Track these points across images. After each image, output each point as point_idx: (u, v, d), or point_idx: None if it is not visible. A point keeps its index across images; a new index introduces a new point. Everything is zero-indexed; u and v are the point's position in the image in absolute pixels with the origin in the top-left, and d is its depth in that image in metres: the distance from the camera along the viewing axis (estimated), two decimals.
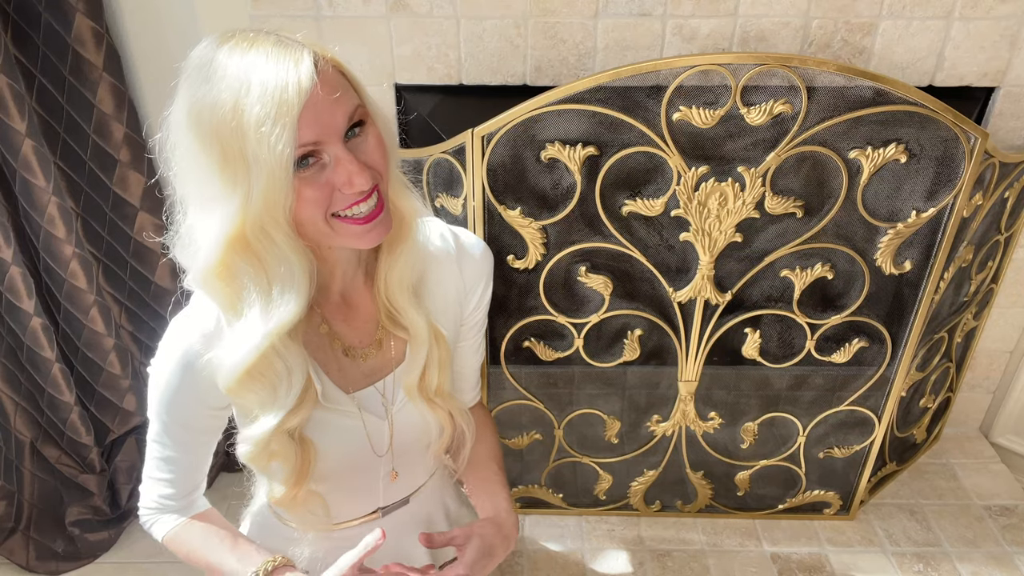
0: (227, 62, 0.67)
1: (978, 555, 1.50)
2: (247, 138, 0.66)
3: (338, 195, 0.72)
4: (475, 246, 0.98)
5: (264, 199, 0.68)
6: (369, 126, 0.74)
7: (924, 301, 1.28)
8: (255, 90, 0.65)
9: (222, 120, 0.66)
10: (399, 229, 0.83)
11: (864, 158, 1.15)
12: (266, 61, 0.66)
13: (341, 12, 1.19)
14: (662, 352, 1.36)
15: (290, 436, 0.83)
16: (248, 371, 0.77)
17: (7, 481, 1.49)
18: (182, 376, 0.81)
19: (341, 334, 0.88)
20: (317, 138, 0.69)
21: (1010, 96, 1.26)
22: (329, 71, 0.70)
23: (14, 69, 1.18)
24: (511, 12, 1.18)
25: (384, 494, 1.01)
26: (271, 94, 0.65)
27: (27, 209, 1.28)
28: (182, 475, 0.91)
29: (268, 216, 0.69)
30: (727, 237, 1.21)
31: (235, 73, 0.66)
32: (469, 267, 0.96)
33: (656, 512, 1.59)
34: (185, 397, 0.83)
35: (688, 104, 1.10)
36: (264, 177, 0.67)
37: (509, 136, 1.15)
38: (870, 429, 1.45)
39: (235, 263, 0.73)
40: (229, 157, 0.68)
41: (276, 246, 0.72)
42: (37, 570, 1.50)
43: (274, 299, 0.75)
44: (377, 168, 0.74)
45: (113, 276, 1.46)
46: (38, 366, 1.40)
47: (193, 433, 0.88)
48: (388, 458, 0.95)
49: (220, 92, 0.66)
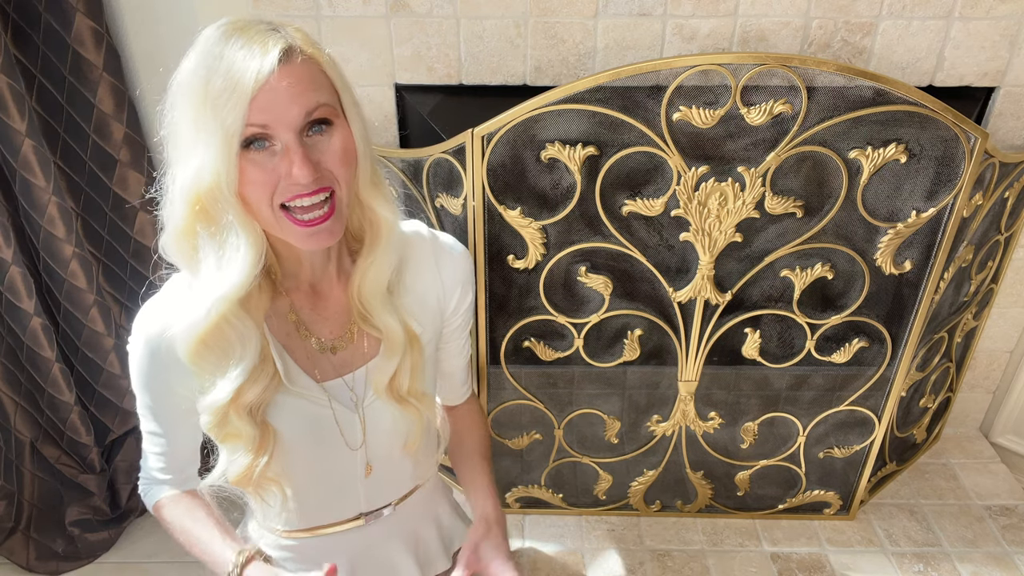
0: (216, 41, 0.72)
1: (978, 555, 1.50)
2: (206, 107, 0.70)
3: (282, 184, 0.74)
4: (453, 247, 0.99)
5: (212, 168, 0.72)
6: (336, 128, 0.76)
7: (924, 301, 1.28)
8: (223, 66, 0.70)
9: (193, 87, 0.72)
10: (374, 233, 0.85)
11: (864, 158, 1.15)
12: (243, 45, 0.71)
13: (341, 12, 1.19)
14: (662, 352, 1.36)
15: (250, 416, 0.84)
16: (201, 338, 0.79)
17: (7, 481, 1.49)
18: (151, 358, 0.84)
19: (309, 323, 0.90)
20: (266, 122, 0.71)
21: (1010, 96, 1.26)
22: (300, 64, 0.72)
23: (14, 69, 1.18)
24: (511, 12, 1.18)
25: (365, 497, 1.00)
26: (234, 72, 0.70)
27: (27, 209, 1.28)
28: (170, 450, 0.93)
29: (215, 186, 0.72)
30: (727, 237, 1.21)
31: (215, 50, 0.71)
32: (447, 268, 0.97)
33: (656, 512, 1.59)
34: (156, 378, 0.86)
35: (688, 104, 1.10)
36: (212, 147, 0.71)
37: (509, 136, 1.15)
38: (870, 429, 1.45)
39: (193, 227, 0.77)
40: (195, 123, 0.72)
41: (226, 216, 0.75)
42: (37, 570, 1.50)
43: (223, 266, 0.77)
44: (331, 170, 0.76)
45: (113, 276, 1.46)
46: (38, 366, 1.40)
47: (172, 412, 0.90)
48: (363, 453, 0.96)
49: (199, 65, 0.72)
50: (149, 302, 0.86)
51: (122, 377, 1.49)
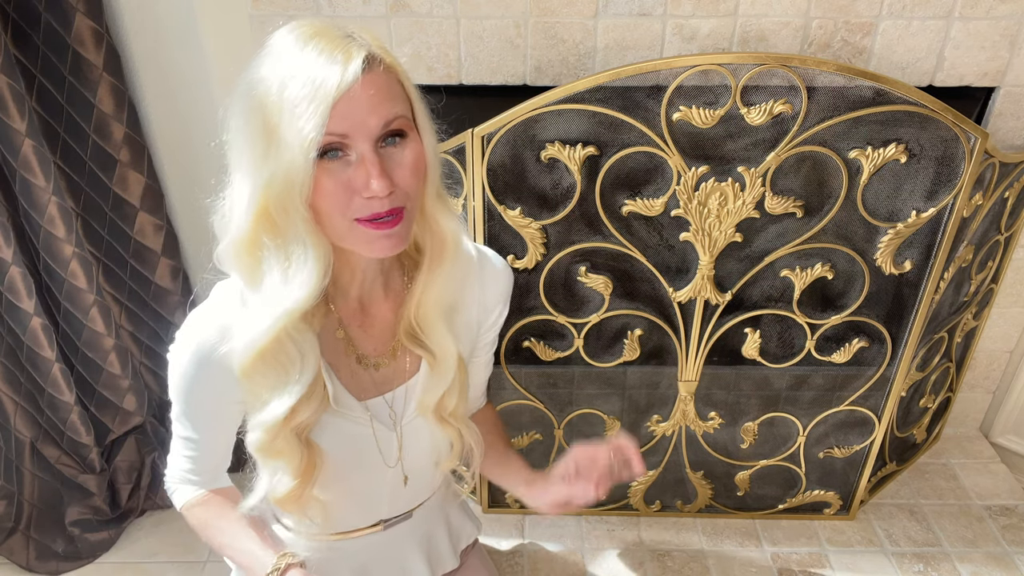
0: (292, 45, 0.70)
1: (978, 555, 1.50)
2: (282, 115, 0.68)
3: (357, 199, 0.72)
4: (496, 262, 0.97)
5: (284, 177, 0.69)
6: (410, 141, 0.73)
7: (924, 301, 1.28)
8: (301, 73, 0.68)
9: (266, 94, 0.69)
10: (440, 250, 0.83)
11: (864, 158, 1.15)
12: (322, 50, 0.69)
13: (341, 12, 1.19)
14: (662, 352, 1.36)
15: (297, 436, 0.83)
16: (261, 352, 0.77)
17: (7, 481, 1.49)
18: (197, 367, 0.82)
19: (356, 340, 0.88)
20: (346, 131, 0.69)
21: (1010, 96, 1.26)
22: (380, 73, 0.71)
23: (14, 69, 1.18)
24: (511, 12, 1.18)
25: (389, 506, 1.01)
26: (313, 79, 0.67)
27: (27, 209, 1.28)
28: (203, 454, 0.92)
29: (287, 196, 0.70)
30: (727, 237, 1.21)
31: (292, 55, 0.69)
32: (492, 286, 0.96)
33: (656, 512, 1.59)
34: (200, 387, 0.84)
35: (688, 104, 1.10)
36: (287, 155, 0.68)
37: (509, 136, 1.15)
38: (870, 429, 1.45)
39: (259, 237, 0.74)
40: (266, 131, 0.70)
41: (295, 226, 0.73)
42: (37, 570, 1.50)
43: (290, 278, 0.75)
44: (404, 185, 0.73)
45: (113, 276, 1.46)
46: (38, 366, 1.40)
47: (210, 419, 0.89)
48: (398, 470, 0.95)
49: (274, 70, 0.70)
50: (197, 311, 0.83)
51: (122, 377, 1.49)
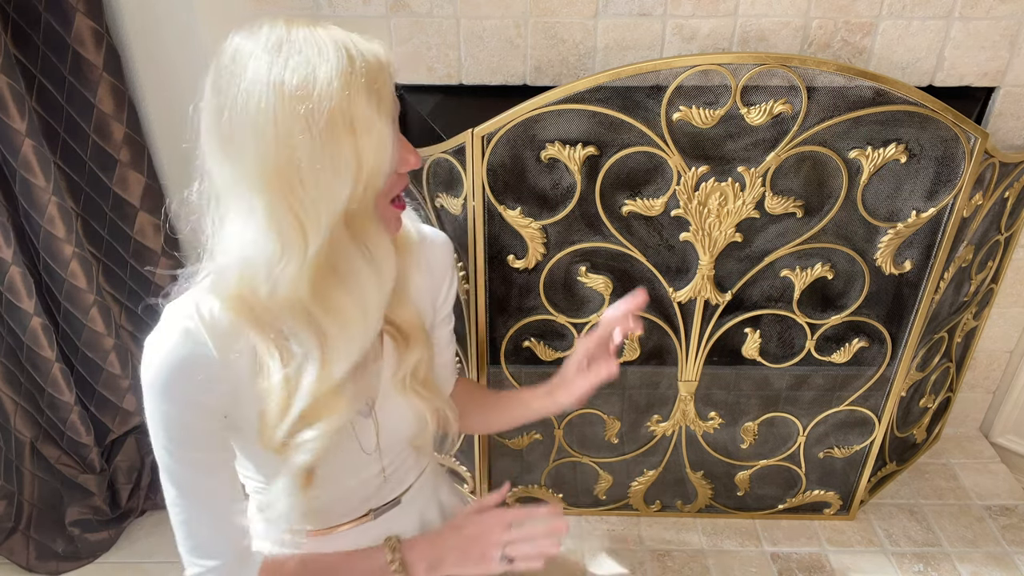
0: (314, 36, 0.66)
1: (978, 555, 1.50)
2: (357, 103, 0.64)
3: (394, 180, 0.73)
4: (440, 239, 0.99)
5: (376, 159, 0.67)
6: None
7: (924, 301, 1.28)
8: (357, 58, 0.65)
9: (325, 90, 0.64)
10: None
11: (864, 158, 1.15)
12: (347, 35, 0.67)
13: (341, 12, 1.19)
14: (662, 352, 1.36)
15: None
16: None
17: (7, 481, 1.49)
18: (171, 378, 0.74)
19: None
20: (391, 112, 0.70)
21: (1010, 96, 1.26)
22: None
23: (14, 69, 1.18)
24: (511, 12, 1.18)
25: (376, 494, 1.01)
26: (369, 59, 0.66)
27: (27, 209, 1.28)
28: (212, 525, 0.82)
29: (381, 172, 0.68)
30: (727, 237, 1.21)
31: (332, 46, 0.65)
32: (434, 258, 0.98)
33: (656, 512, 1.59)
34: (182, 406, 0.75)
35: (688, 104, 1.10)
36: (375, 134, 0.66)
37: (509, 136, 1.15)
38: (870, 429, 1.45)
39: (345, 246, 0.71)
40: (336, 127, 0.65)
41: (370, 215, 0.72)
42: (37, 570, 1.50)
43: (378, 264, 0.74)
44: None
45: (113, 276, 1.46)
46: (38, 366, 1.40)
47: (205, 451, 0.80)
48: (377, 456, 0.96)
49: (319, 64, 0.64)
50: (157, 345, 0.73)
51: (122, 377, 1.49)
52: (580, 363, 0.99)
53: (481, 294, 1.29)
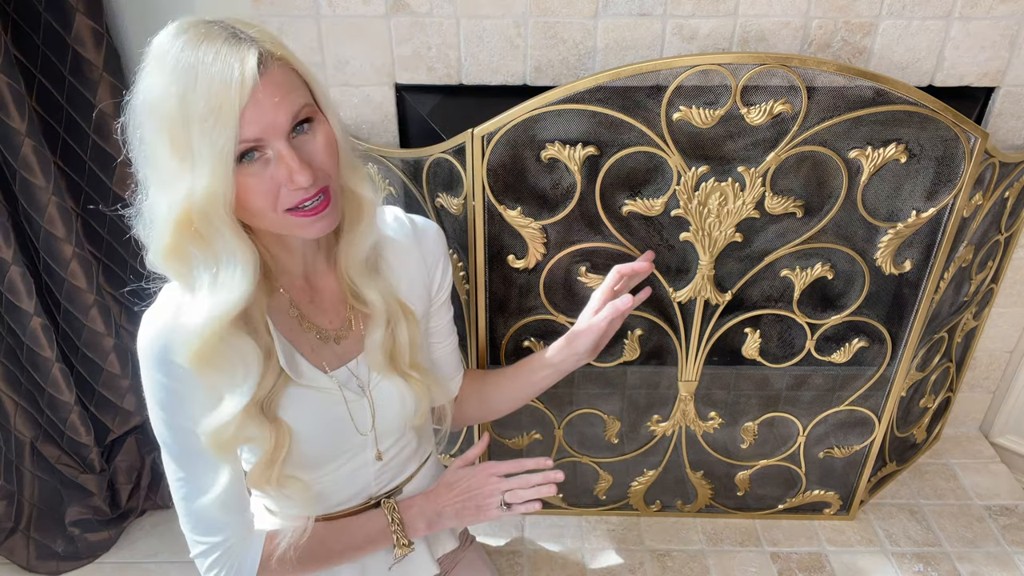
0: (179, 55, 0.70)
1: (978, 555, 1.50)
2: (191, 131, 0.69)
3: (284, 192, 0.74)
4: (427, 226, 1.02)
5: (206, 190, 0.71)
6: (318, 124, 0.76)
7: (924, 301, 1.28)
8: (201, 86, 0.68)
9: (170, 111, 0.69)
10: (356, 212, 0.86)
11: (864, 158, 1.15)
12: (214, 58, 0.69)
13: (341, 12, 1.19)
14: (662, 352, 1.36)
15: (262, 415, 0.84)
16: (198, 354, 0.79)
17: (7, 481, 1.49)
18: (165, 375, 0.83)
19: (310, 316, 0.91)
20: (259, 135, 0.71)
21: (1010, 96, 1.26)
22: (276, 69, 0.72)
23: (14, 69, 1.18)
24: (511, 12, 1.18)
25: (375, 480, 1.02)
26: (215, 91, 0.68)
27: (27, 209, 1.28)
28: (218, 498, 0.87)
29: (210, 206, 0.72)
30: (727, 237, 1.21)
31: (185, 67, 0.69)
32: (427, 246, 1.00)
33: (656, 512, 1.59)
34: (176, 400, 0.84)
35: (688, 104, 1.10)
36: (206, 169, 0.70)
37: (509, 136, 1.15)
38: (870, 429, 1.45)
39: (184, 245, 0.76)
40: (176, 146, 0.71)
41: (220, 234, 0.74)
42: (37, 570, 1.50)
43: (219, 283, 0.77)
44: (323, 167, 0.76)
45: (113, 276, 1.46)
46: (38, 366, 1.40)
47: (199, 422, 0.86)
48: (372, 438, 0.97)
49: (170, 84, 0.69)
50: (146, 318, 0.84)
51: (122, 377, 1.49)
52: (595, 308, 1.05)
53: (481, 294, 1.29)
